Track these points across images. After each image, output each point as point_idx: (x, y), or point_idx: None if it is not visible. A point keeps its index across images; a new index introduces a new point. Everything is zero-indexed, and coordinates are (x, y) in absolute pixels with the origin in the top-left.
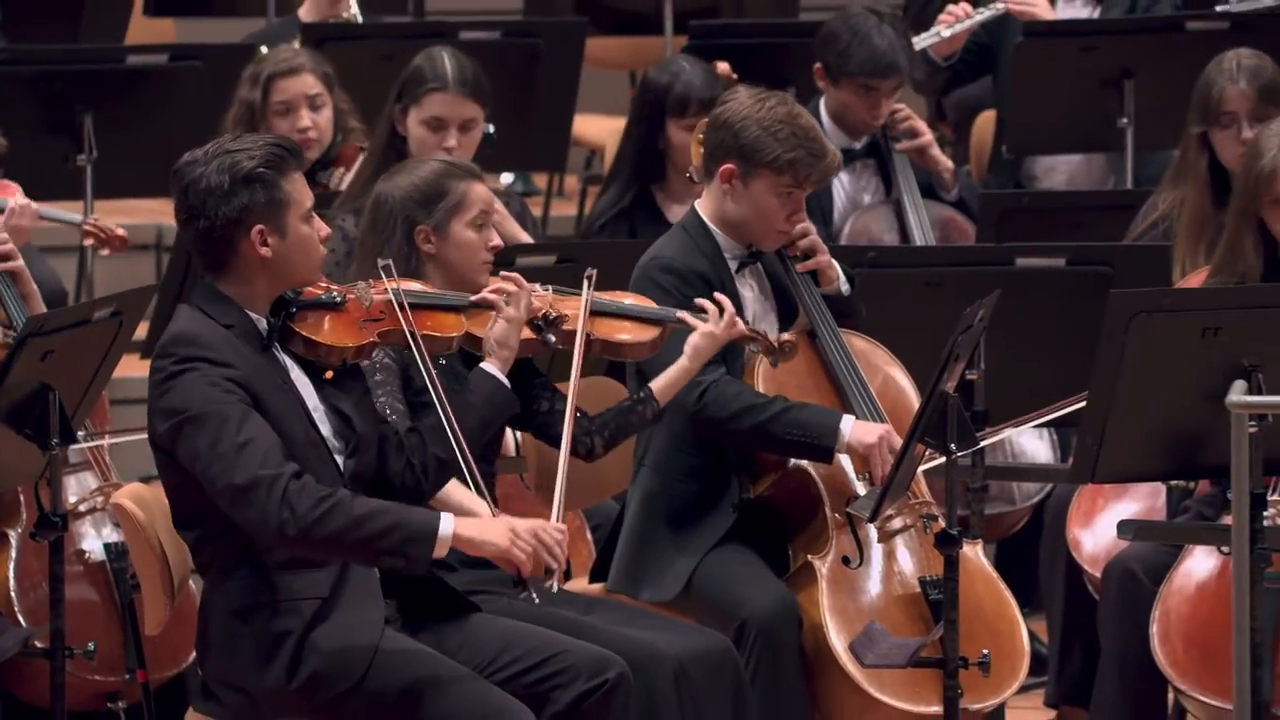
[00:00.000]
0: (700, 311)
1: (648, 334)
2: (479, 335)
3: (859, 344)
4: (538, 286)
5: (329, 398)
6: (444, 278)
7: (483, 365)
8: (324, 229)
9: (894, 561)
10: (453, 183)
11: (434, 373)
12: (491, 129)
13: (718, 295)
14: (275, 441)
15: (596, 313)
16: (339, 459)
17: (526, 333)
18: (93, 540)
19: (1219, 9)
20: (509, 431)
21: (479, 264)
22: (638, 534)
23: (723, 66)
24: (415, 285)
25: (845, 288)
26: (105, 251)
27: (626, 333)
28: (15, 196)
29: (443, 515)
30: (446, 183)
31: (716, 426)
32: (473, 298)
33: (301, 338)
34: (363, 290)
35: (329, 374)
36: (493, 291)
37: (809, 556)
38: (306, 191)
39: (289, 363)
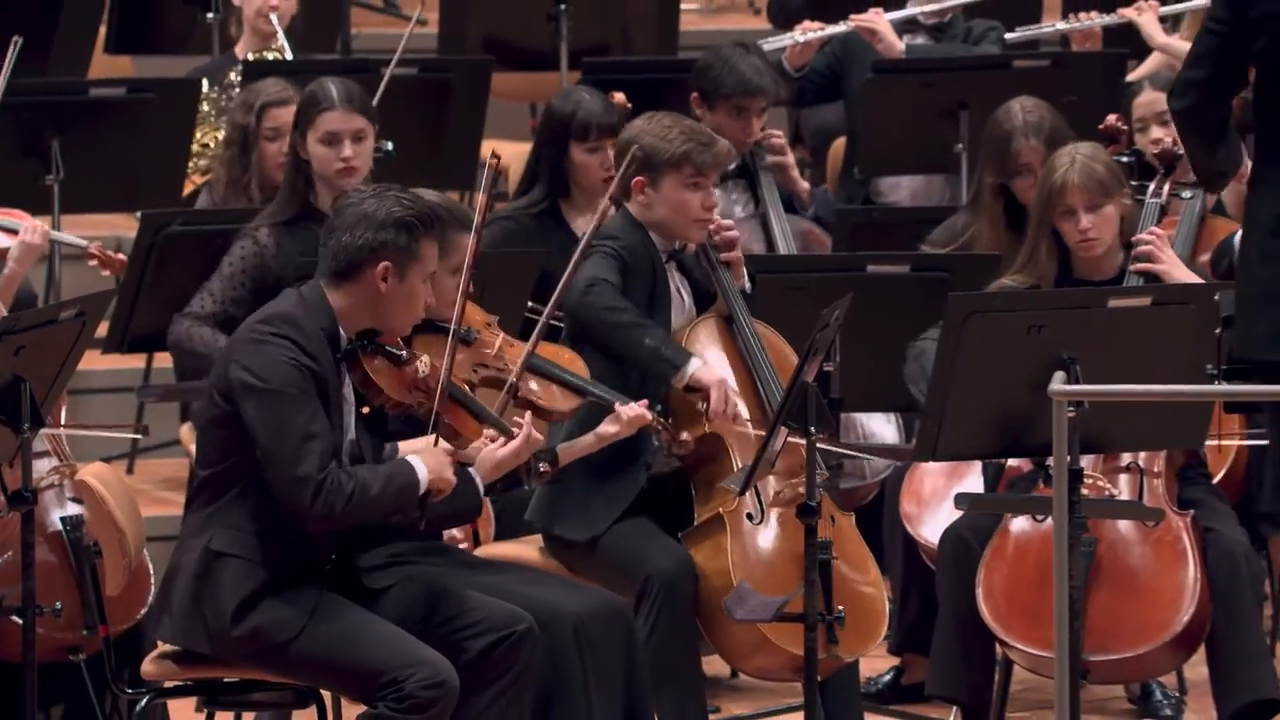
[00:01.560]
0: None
1: (571, 404)
2: (480, 445)
3: (764, 330)
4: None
5: (358, 429)
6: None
7: (472, 473)
8: (431, 296)
9: (787, 524)
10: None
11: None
12: (390, 146)
13: (631, 406)
14: (331, 442)
15: (537, 371)
16: None
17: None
18: (53, 513)
19: (1009, 37)
20: None
21: (448, 305)
22: (565, 481)
23: (618, 97)
24: (463, 384)
25: (748, 286)
26: (106, 272)
27: (557, 402)
28: (27, 220)
29: (413, 463)
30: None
31: (592, 314)
32: (504, 423)
33: (363, 371)
34: (424, 363)
35: (366, 410)
36: (525, 438)
37: (720, 509)
38: (435, 259)
39: (348, 383)
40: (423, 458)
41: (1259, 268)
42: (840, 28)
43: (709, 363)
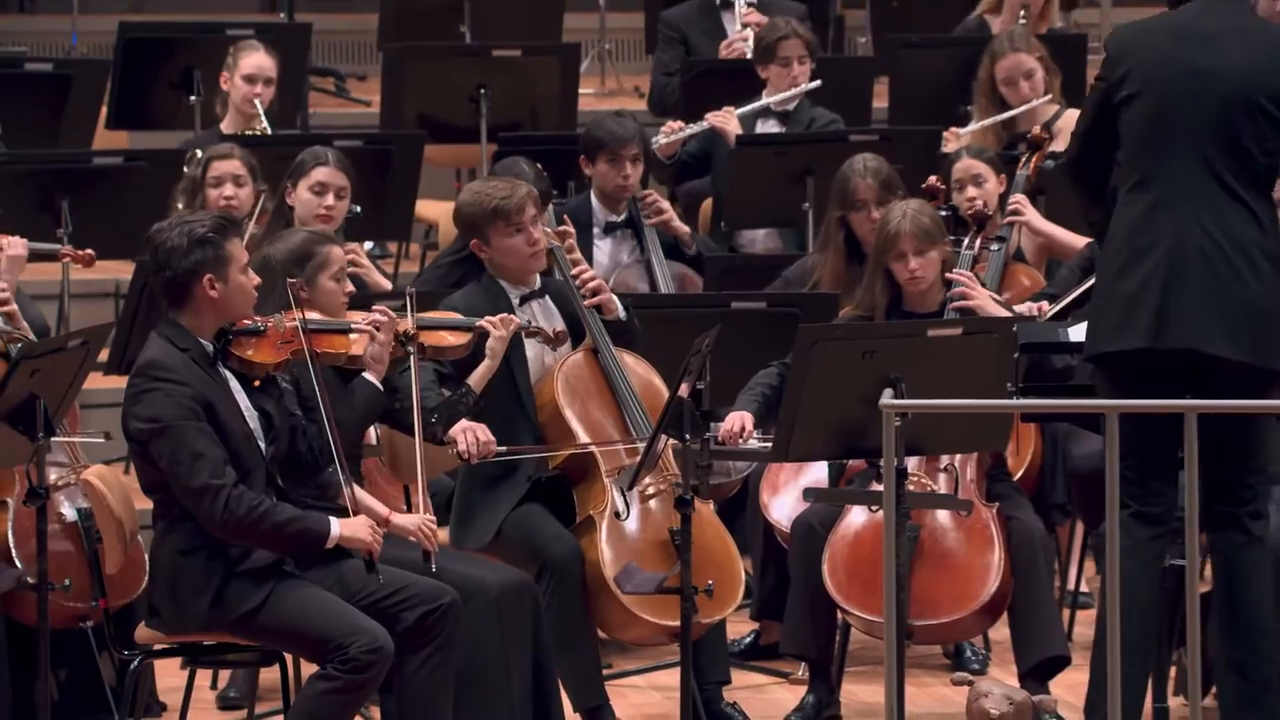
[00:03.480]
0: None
1: (462, 339)
2: (358, 354)
3: (628, 358)
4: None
5: (257, 401)
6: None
7: (364, 375)
8: (254, 278)
9: (650, 516)
10: (317, 247)
11: (321, 382)
12: (358, 209)
13: (499, 317)
14: (221, 454)
15: (426, 327)
16: (262, 445)
17: (394, 348)
18: (67, 506)
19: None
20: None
21: (338, 306)
22: (461, 497)
23: (535, 166)
24: (315, 315)
25: (623, 314)
26: (79, 266)
27: (449, 340)
28: (6, 238)
29: (331, 521)
30: (313, 247)
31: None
32: (354, 324)
33: (236, 357)
34: (278, 320)
35: (256, 383)
36: (369, 322)
37: (591, 511)
38: (243, 252)
39: (228, 375)
40: (342, 523)
41: (1108, 277)
42: (697, 127)
43: (339, 523)
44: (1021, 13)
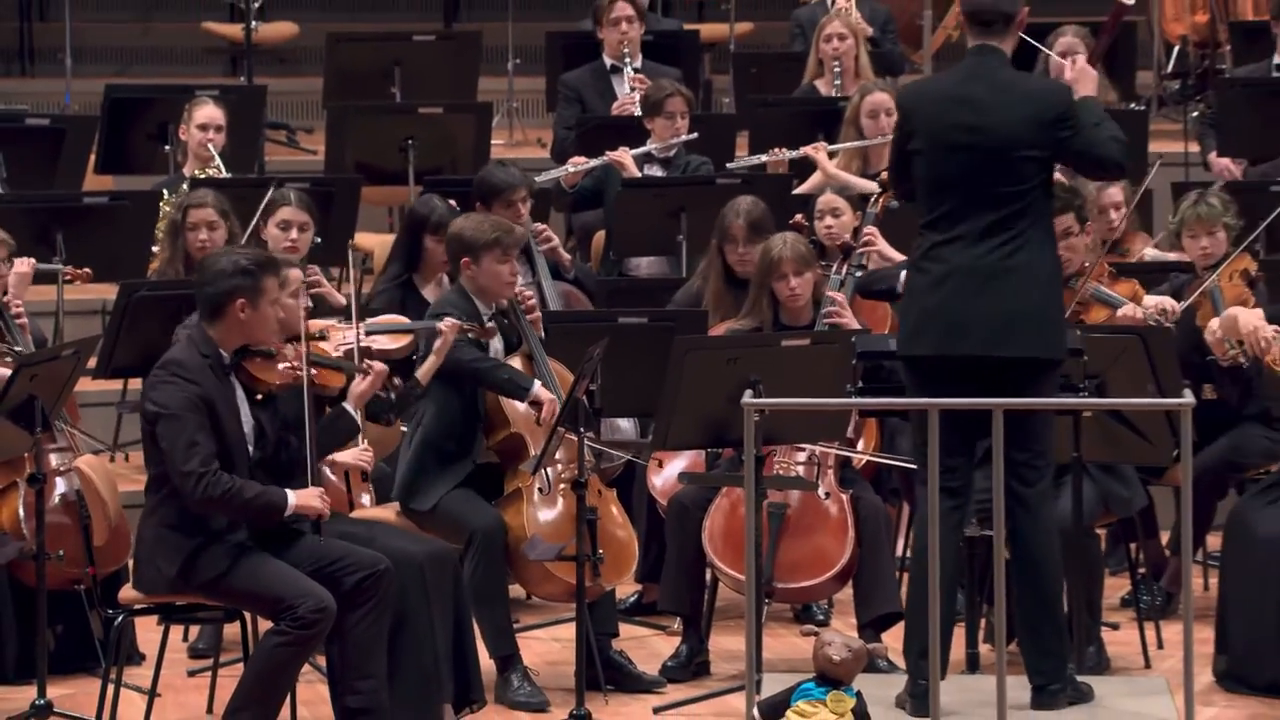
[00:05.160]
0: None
1: (407, 339)
2: (344, 389)
3: (554, 364)
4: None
5: (255, 412)
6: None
7: (345, 406)
8: (280, 313)
9: (566, 494)
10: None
11: (312, 410)
12: (319, 239)
13: (446, 321)
14: (212, 447)
15: (377, 331)
16: (250, 449)
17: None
18: (64, 488)
19: (730, 166)
20: None
21: (297, 318)
22: (415, 465)
23: (450, 203)
24: (322, 348)
25: (543, 335)
26: (78, 282)
27: (394, 344)
28: (19, 259)
29: (287, 492)
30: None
31: (464, 367)
32: (353, 367)
33: (247, 372)
34: (290, 349)
35: (259, 396)
36: (369, 372)
37: (520, 485)
38: (277, 289)
39: (237, 385)
40: (297, 494)
41: (914, 294)
42: (598, 160)
43: (540, 385)
44: (836, 69)
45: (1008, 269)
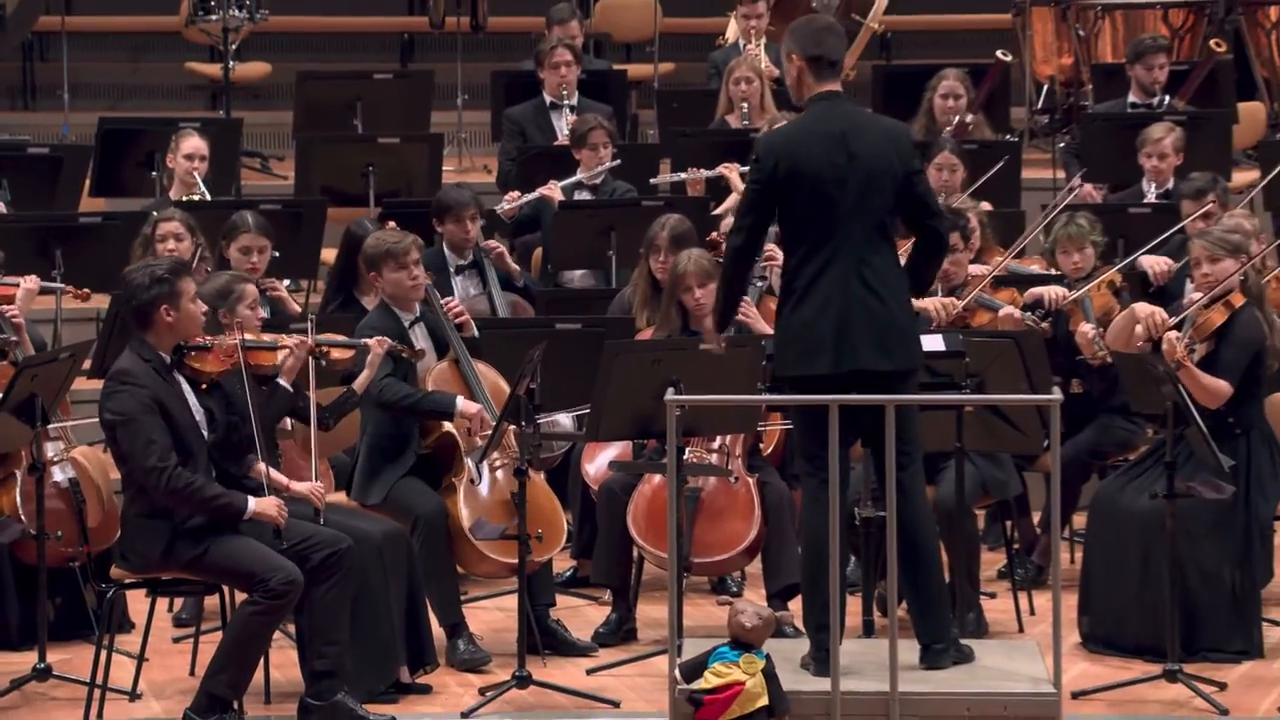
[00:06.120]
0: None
1: (349, 353)
2: (278, 365)
3: (481, 365)
4: (309, 339)
5: (203, 401)
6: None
7: (279, 381)
8: (202, 307)
9: (497, 483)
10: (236, 284)
11: (252, 388)
12: (278, 253)
13: (376, 339)
14: (168, 443)
15: (325, 344)
16: (205, 434)
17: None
18: (61, 476)
19: (653, 182)
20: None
21: (254, 327)
22: (367, 463)
23: (390, 225)
24: (249, 336)
25: (476, 334)
26: (79, 301)
27: (341, 355)
28: (26, 276)
29: (248, 499)
30: (233, 285)
31: (392, 404)
32: (280, 344)
33: (188, 367)
34: (221, 340)
35: (204, 386)
36: (290, 345)
37: (452, 479)
38: (192, 287)
39: (182, 380)
40: (257, 501)
41: (795, 318)
42: (531, 195)
43: (463, 399)
44: (744, 107)
45: (884, 284)
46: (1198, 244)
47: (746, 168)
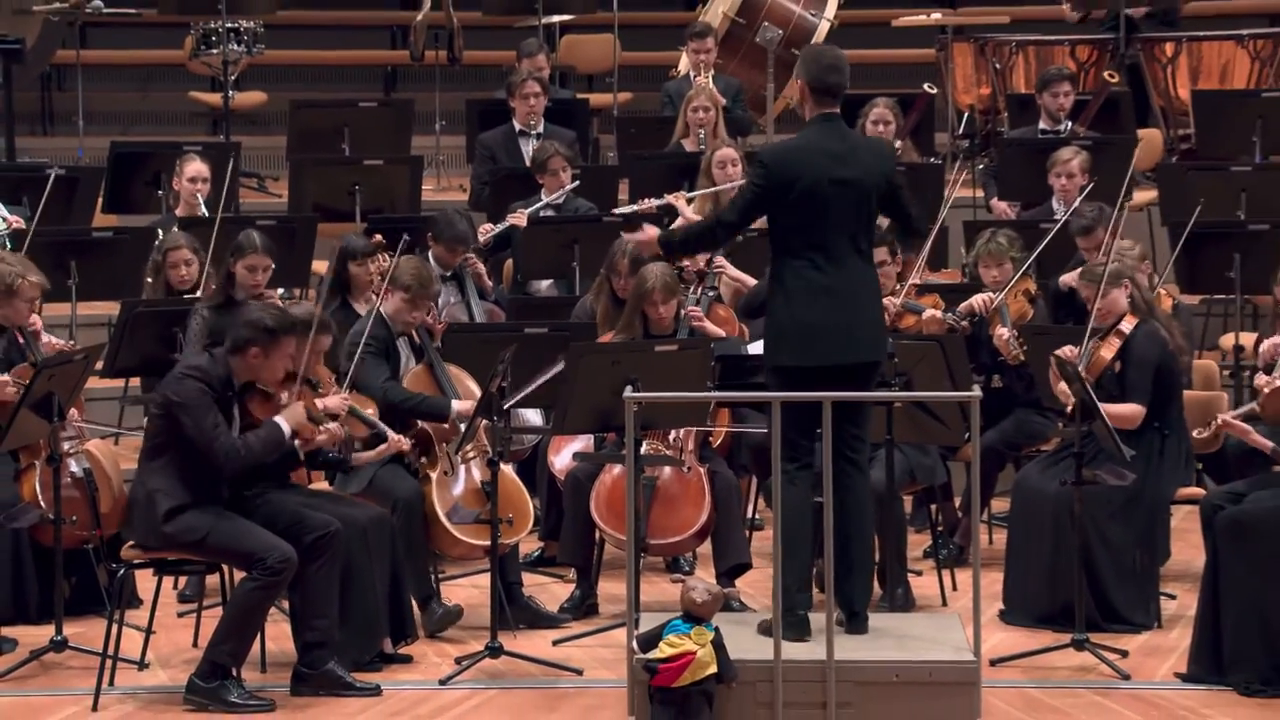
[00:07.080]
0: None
1: (363, 431)
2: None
3: (453, 368)
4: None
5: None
6: None
7: (280, 420)
8: (291, 366)
9: (470, 472)
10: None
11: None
12: (272, 266)
13: (398, 439)
14: (225, 429)
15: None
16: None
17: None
18: (76, 467)
19: (615, 211)
20: None
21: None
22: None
23: (377, 238)
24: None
25: (439, 345)
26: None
27: (357, 429)
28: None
29: (278, 421)
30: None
31: (396, 405)
32: (326, 428)
33: (245, 407)
34: (285, 396)
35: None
36: (333, 429)
37: (428, 470)
38: (291, 347)
39: (236, 413)
40: (284, 415)
41: (793, 313)
42: (502, 225)
43: (457, 401)
44: (701, 133)
45: (857, 288)
46: (1082, 284)
47: (692, 194)
